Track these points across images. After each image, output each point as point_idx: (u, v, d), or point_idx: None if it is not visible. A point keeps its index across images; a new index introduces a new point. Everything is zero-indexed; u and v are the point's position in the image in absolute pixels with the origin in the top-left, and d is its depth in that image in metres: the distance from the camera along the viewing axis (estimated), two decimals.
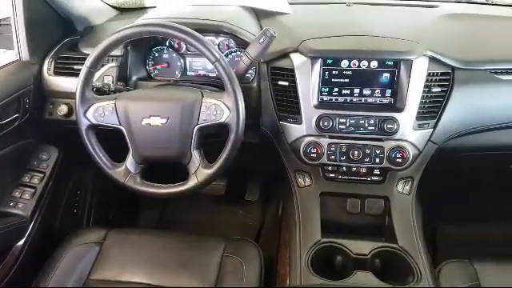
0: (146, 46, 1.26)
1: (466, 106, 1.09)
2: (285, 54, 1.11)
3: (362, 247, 1.01)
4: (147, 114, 0.98)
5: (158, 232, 1.26)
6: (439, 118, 1.08)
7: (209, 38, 1.20)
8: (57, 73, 1.23)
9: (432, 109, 1.08)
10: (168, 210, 1.84)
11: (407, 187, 1.14)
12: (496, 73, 1.09)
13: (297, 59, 1.09)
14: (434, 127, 1.09)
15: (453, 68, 1.07)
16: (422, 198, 1.20)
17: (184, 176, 1.01)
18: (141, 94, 1.10)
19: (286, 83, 1.10)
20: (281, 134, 1.15)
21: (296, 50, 1.10)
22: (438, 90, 1.06)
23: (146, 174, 1.05)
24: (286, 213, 1.26)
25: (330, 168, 1.13)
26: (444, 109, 1.08)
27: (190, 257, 1.09)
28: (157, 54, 1.27)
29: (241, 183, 1.85)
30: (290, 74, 1.10)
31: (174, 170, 1.03)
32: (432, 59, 1.06)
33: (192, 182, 1.00)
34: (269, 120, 1.16)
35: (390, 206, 1.11)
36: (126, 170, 1.02)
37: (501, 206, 1.67)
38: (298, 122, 1.12)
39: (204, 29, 1.15)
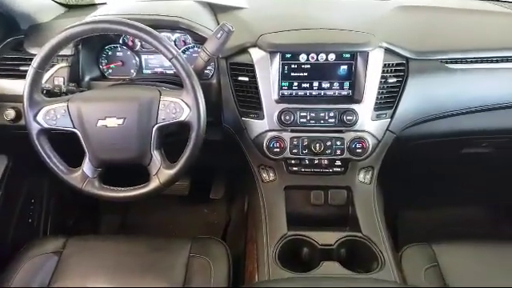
0: (98, 45, 1.21)
1: (421, 95, 1.13)
2: (243, 49, 1.10)
3: (328, 238, 1.03)
4: (102, 116, 0.93)
5: (121, 237, 1.22)
6: (396, 108, 1.12)
7: (164, 35, 1.16)
8: (1, 75, 1.15)
9: (389, 99, 1.11)
10: (131, 213, 1.79)
11: (368, 176, 1.17)
12: (447, 62, 1.13)
13: (256, 54, 1.09)
14: (392, 117, 1.12)
15: (407, 59, 1.11)
16: (382, 186, 1.23)
17: (145, 178, 0.98)
18: (95, 94, 1.05)
19: (247, 78, 1.10)
20: (243, 130, 1.15)
21: (255, 45, 1.09)
22: (394, 80, 1.09)
23: (104, 178, 1.01)
24: (251, 209, 1.26)
25: (293, 162, 1.14)
26: (400, 99, 1.11)
27: (156, 259, 1.06)
28: (110, 53, 1.22)
29: (205, 182, 1.83)
30: (249, 69, 1.09)
31: (135, 172, 1.00)
32: (387, 50, 1.09)
33: (154, 184, 0.97)
34: (230, 116, 1.15)
35: (353, 195, 1.14)
36: (83, 175, 0.97)
37: (455, 189, 1.76)
38: (260, 117, 1.11)
39: (159, 25, 1.11)
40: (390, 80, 1.09)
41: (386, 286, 0.81)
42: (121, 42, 1.21)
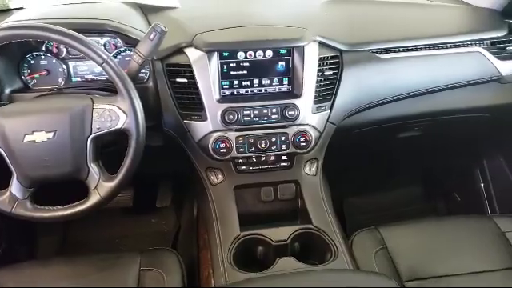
0: (17, 53, 1.10)
1: (356, 86, 1.16)
2: (179, 50, 1.07)
3: (281, 233, 1.03)
4: (29, 130, 0.85)
5: (62, 260, 1.13)
6: (334, 100, 1.14)
7: (92, 39, 1.09)
8: None
9: (327, 91, 1.13)
10: (71, 232, 1.67)
11: (313, 168, 1.19)
12: (377, 52, 1.18)
13: (192, 54, 1.06)
14: (331, 109, 1.15)
15: (340, 51, 1.14)
16: (327, 176, 1.26)
17: (84, 193, 0.91)
18: (18, 107, 0.95)
19: (185, 80, 1.06)
20: (186, 133, 1.11)
21: (191, 45, 1.06)
22: (330, 73, 1.12)
23: (38, 198, 0.92)
24: (201, 213, 1.23)
25: (240, 161, 1.13)
26: (337, 90, 1.14)
27: (104, 279, 0.99)
28: (33, 61, 1.12)
29: (150, 190, 1.76)
30: (187, 69, 1.06)
31: (72, 188, 0.93)
32: (321, 44, 1.11)
33: (94, 199, 0.90)
34: (171, 120, 1.11)
35: (301, 188, 1.15)
36: (12, 197, 0.88)
37: (394, 173, 1.87)
38: (203, 118, 1.09)
39: (85, 29, 1.04)
40: (327, 73, 1.12)
41: (341, 275, 0.83)
42: (44, 49, 1.12)
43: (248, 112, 1.09)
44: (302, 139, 1.12)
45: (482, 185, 1.60)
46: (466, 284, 1.00)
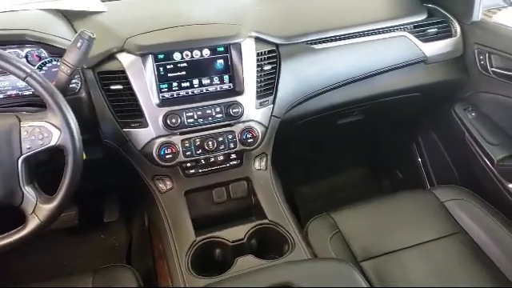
0: None
1: (295, 78, 1.18)
2: (110, 56, 1.02)
3: (237, 233, 1.03)
4: None
5: None
6: (276, 94, 1.15)
7: (12, 51, 1.00)
8: None
9: (268, 86, 1.14)
10: (12, 260, 1.54)
11: (263, 163, 1.20)
12: (311, 43, 1.21)
13: (125, 59, 1.01)
14: (273, 103, 1.16)
15: (277, 45, 1.15)
16: (277, 169, 1.28)
17: (22, 219, 0.84)
18: None
19: (120, 86, 1.01)
20: (127, 141, 1.06)
21: (122, 50, 1.01)
22: (269, 67, 1.13)
23: None
24: (153, 223, 1.19)
25: (188, 165, 1.10)
26: (278, 84, 1.15)
27: None
28: None
29: (95, 206, 1.67)
30: (121, 76, 1.01)
31: (6, 214, 0.85)
32: (257, 39, 1.11)
33: (32, 224, 0.83)
34: (110, 130, 1.05)
35: (253, 184, 1.15)
36: None
37: (339, 158, 1.93)
38: (144, 125, 1.04)
39: (2, 41, 0.96)
40: (266, 67, 1.12)
41: (299, 266, 0.84)
42: None
43: (191, 114, 1.06)
44: (248, 136, 1.12)
45: (420, 160, 1.71)
46: (416, 255, 1.06)
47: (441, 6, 1.39)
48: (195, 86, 1.08)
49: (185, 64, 1.06)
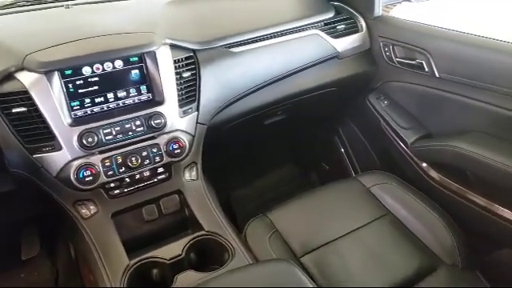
0: None
1: (217, 83, 1.17)
2: (9, 76, 0.91)
3: (174, 249, 0.98)
4: None
5: None
6: (199, 100, 1.13)
7: None
8: None
9: (190, 93, 1.11)
10: None
11: (194, 173, 1.16)
12: (230, 47, 1.20)
13: (27, 78, 0.91)
14: (198, 110, 1.13)
15: (194, 51, 1.12)
16: (209, 176, 1.25)
17: None
18: None
19: (24, 109, 0.91)
20: (39, 168, 0.96)
21: (22, 68, 0.91)
22: (189, 74, 1.10)
23: None
24: (80, 253, 1.09)
25: (112, 185, 1.03)
26: (200, 90, 1.13)
27: None
28: None
29: (10, 243, 1.49)
30: (24, 97, 0.91)
31: None
32: (173, 46, 1.08)
33: None
34: (17, 158, 0.94)
35: (185, 196, 1.12)
36: None
37: (268, 157, 1.96)
38: (57, 148, 0.95)
39: None
40: (185, 74, 1.09)
41: (241, 273, 0.83)
42: None
43: (109, 130, 0.99)
44: (175, 146, 1.07)
45: (343, 150, 1.80)
46: (350, 242, 1.10)
47: (346, 4, 1.47)
48: (110, 100, 1.01)
49: (96, 78, 0.98)
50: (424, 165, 1.35)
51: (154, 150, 1.05)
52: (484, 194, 1.18)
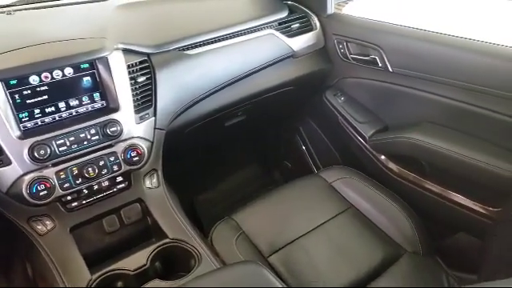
0: None
1: (174, 86, 1.15)
2: None
3: (138, 259, 0.96)
4: None
5: None
6: (156, 105, 1.10)
7: None
8: None
9: (146, 98, 1.08)
10: None
11: (154, 180, 1.14)
12: (184, 49, 1.18)
13: None
14: (155, 115, 1.10)
15: (148, 55, 1.10)
16: (172, 182, 1.23)
17: None
18: None
19: None
20: None
21: None
22: (144, 78, 1.07)
23: None
24: (38, 272, 1.03)
25: (69, 198, 0.98)
26: (156, 95, 1.10)
27: None
28: None
29: None
30: None
31: None
32: (126, 51, 1.05)
33: None
34: None
35: (147, 205, 1.09)
36: None
37: (233, 157, 1.95)
38: (6, 162, 0.90)
39: None
40: (140, 79, 1.06)
41: (208, 278, 0.82)
42: None
43: (62, 141, 0.95)
44: (133, 154, 1.04)
45: (304, 148, 1.82)
46: (316, 237, 1.12)
47: (299, 3, 1.49)
48: (62, 109, 0.97)
49: (45, 87, 0.93)
50: (382, 157, 1.39)
51: (112, 159, 1.02)
52: (439, 182, 1.24)
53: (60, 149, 0.94)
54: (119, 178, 1.05)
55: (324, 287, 1.00)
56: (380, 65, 1.33)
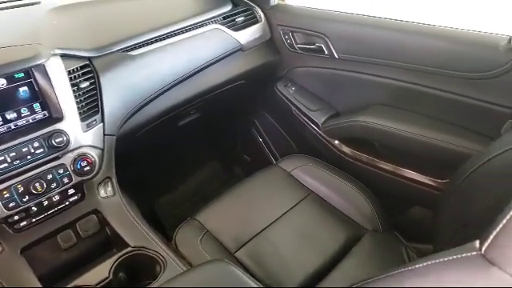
0: None
1: (120, 90, 1.10)
2: None
3: (100, 272, 0.92)
4: None
5: None
6: (103, 111, 1.05)
7: None
8: None
9: (91, 104, 1.03)
10: None
11: (109, 189, 1.09)
12: (127, 50, 1.14)
13: None
14: (103, 121, 1.06)
15: (89, 58, 1.04)
16: (129, 189, 1.18)
17: None
18: None
19: None
20: None
21: None
22: (87, 84, 1.02)
23: None
24: None
25: (16, 218, 0.92)
26: (102, 100, 1.05)
27: None
28: None
29: None
30: None
31: None
32: (64, 56, 0.99)
33: None
34: None
35: (104, 215, 1.04)
36: None
37: (191, 157, 1.92)
38: None
39: None
40: (83, 85, 1.01)
41: (176, 282, 0.80)
42: None
43: (2, 158, 0.88)
44: (83, 164, 0.99)
45: (261, 140, 1.83)
46: (280, 227, 1.13)
47: None
48: None
49: None
50: (336, 142, 1.43)
51: (61, 172, 0.96)
52: (391, 161, 1.29)
53: (1, 166, 0.88)
54: (71, 191, 1.00)
55: (291, 277, 1.01)
56: (326, 52, 1.35)
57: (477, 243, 0.38)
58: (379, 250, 1.09)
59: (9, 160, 0.89)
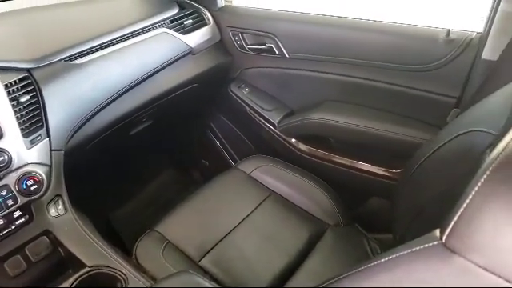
0: None
1: (65, 102, 1.04)
2: None
3: None
4: None
5: None
6: (47, 125, 0.99)
7: None
8: None
9: (34, 119, 0.96)
10: None
11: (60, 207, 1.02)
12: (70, 60, 1.08)
13: None
14: (48, 135, 0.99)
15: (28, 70, 0.98)
16: (82, 205, 1.12)
17: None
18: None
19: None
20: None
21: None
22: (27, 97, 0.95)
23: None
24: None
25: None
26: (46, 113, 0.99)
27: None
28: None
29: None
30: None
31: None
32: (0, 69, 0.92)
33: None
34: None
35: (56, 235, 0.98)
36: None
37: (147, 165, 1.86)
38: None
39: None
40: (23, 99, 0.94)
41: None
42: None
43: None
44: (29, 183, 0.92)
45: (218, 143, 1.81)
46: (243, 230, 1.12)
47: None
48: None
49: None
50: (293, 140, 1.44)
51: (4, 193, 0.89)
52: (347, 155, 1.32)
53: None
54: (17, 213, 0.93)
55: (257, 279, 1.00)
56: (277, 52, 1.36)
57: (437, 232, 0.39)
58: (342, 244, 1.11)
59: None
